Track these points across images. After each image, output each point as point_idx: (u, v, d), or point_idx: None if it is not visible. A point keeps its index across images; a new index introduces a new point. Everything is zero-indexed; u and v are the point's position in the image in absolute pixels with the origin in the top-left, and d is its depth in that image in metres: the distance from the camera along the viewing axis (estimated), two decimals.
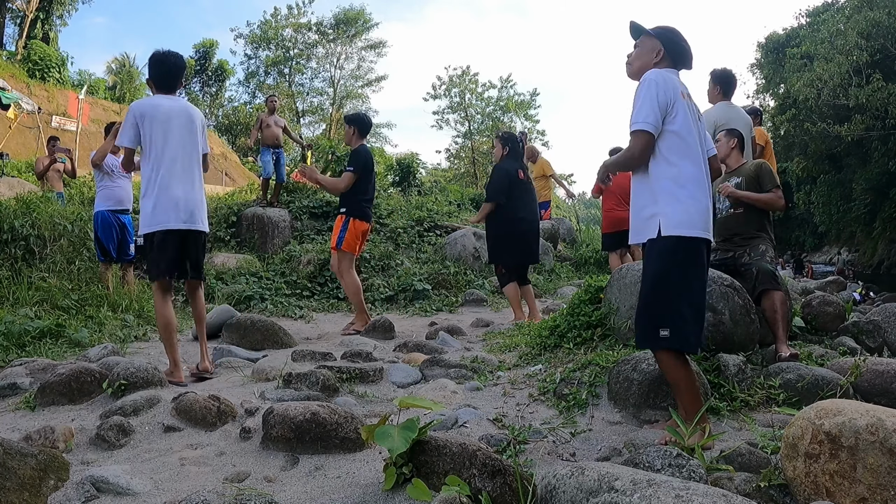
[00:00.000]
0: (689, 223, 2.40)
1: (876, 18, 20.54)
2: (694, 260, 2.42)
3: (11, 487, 1.97)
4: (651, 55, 2.60)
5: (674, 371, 2.43)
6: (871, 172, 23.80)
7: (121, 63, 33.01)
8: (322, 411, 2.47)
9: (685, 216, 2.40)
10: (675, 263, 2.40)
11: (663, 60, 2.59)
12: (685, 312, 2.38)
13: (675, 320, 2.37)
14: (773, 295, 3.58)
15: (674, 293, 2.39)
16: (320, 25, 35.09)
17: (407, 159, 18.02)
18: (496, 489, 1.86)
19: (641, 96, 2.46)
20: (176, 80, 3.68)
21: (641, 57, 2.63)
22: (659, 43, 2.60)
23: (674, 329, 2.36)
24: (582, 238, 12.09)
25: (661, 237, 2.42)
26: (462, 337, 5.20)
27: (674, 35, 2.63)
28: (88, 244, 6.53)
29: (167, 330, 3.52)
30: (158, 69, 3.62)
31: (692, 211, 2.41)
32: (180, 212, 3.50)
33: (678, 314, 2.37)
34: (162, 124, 3.49)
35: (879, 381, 2.85)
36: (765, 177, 3.91)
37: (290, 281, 7.51)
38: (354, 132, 5.45)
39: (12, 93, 15.84)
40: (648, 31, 2.64)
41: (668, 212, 2.41)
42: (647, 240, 2.49)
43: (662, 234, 2.41)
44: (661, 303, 2.41)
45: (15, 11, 26.55)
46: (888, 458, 1.64)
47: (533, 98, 34.64)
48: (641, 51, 2.64)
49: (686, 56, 2.64)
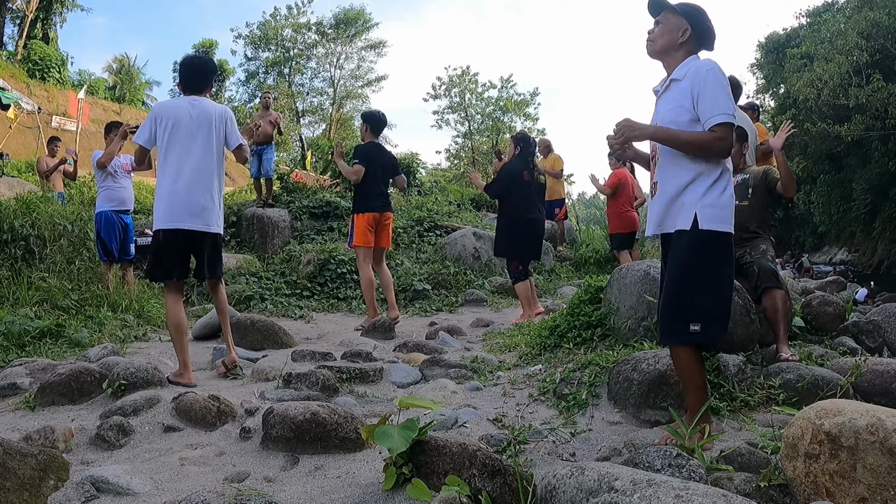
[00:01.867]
0: (724, 218, 2.35)
1: (876, 18, 20.53)
2: (725, 255, 2.37)
3: (11, 487, 1.97)
4: (677, 34, 2.47)
5: (691, 369, 2.39)
6: (871, 172, 23.78)
7: (120, 63, 33.01)
8: (322, 411, 2.47)
9: (722, 211, 2.35)
10: (708, 258, 2.34)
11: (690, 41, 2.47)
12: (717, 307, 2.34)
13: (705, 315, 2.32)
14: (774, 293, 3.57)
15: (707, 287, 2.34)
16: (320, 25, 35.09)
17: (407, 159, 18.00)
18: (496, 489, 1.86)
19: (717, 86, 2.32)
20: (201, 82, 3.70)
21: (665, 35, 2.49)
22: (685, 21, 2.46)
23: (704, 324, 2.31)
24: (582, 238, 12.08)
25: (697, 230, 2.33)
26: (462, 337, 5.20)
27: (700, 14, 2.49)
28: (88, 244, 6.52)
29: (178, 331, 3.51)
30: (184, 70, 3.72)
31: (726, 206, 2.36)
32: (192, 214, 3.51)
33: (709, 309, 2.33)
34: (180, 126, 3.51)
35: (879, 381, 2.85)
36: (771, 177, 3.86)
37: (290, 281, 7.51)
38: (367, 129, 5.77)
39: (12, 93, 15.84)
40: (674, 6, 2.49)
41: (707, 205, 2.33)
42: (677, 231, 2.40)
43: (700, 227, 2.33)
44: (694, 297, 2.34)
45: (15, 11, 26.55)
46: (888, 458, 1.64)
47: (533, 98, 34.69)
48: (665, 28, 2.49)
49: (712, 36, 2.51)
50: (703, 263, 2.34)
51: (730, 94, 2.35)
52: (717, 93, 2.32)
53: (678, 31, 2.47)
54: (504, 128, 33.54)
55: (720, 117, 2.30)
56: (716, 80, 2.33)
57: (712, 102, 2.31)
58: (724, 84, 2.35)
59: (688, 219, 2.35)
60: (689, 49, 2.49)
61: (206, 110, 3.60)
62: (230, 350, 3.80)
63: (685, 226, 2.35)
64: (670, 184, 2.42)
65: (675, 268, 2.39)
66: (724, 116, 2.30)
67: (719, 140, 2.31)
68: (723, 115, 2.30)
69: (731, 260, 2.41)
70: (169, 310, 3.57)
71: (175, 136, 3.50)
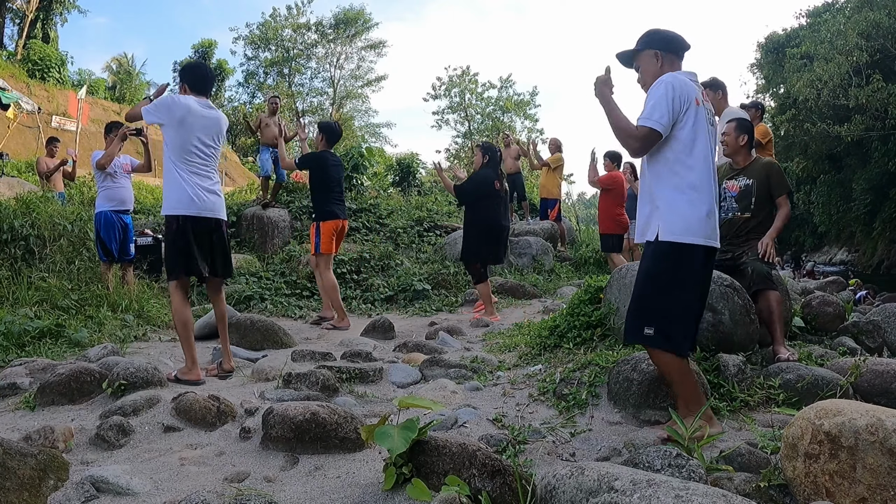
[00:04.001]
0: (685, 230, 2.44)
1: (876, 19, 20.54)
2: (687, 265, 2.46)
3: (11, 487, 1.97)
4: (655, 64, 2.63)
5: (667, 368, 2.51)
6: (871, 172, 23.80)
7: (120, 63, 33.00)
8: (322, 411, 2.47)
9: (682, 223, 2.44)
10: (666, 266, 2.47)
11: (667, 61, 2.62)
12: (672, 313, 2.45)
13: (660, 320, 2.45)
14: (768, 295, 3.57)
15: (662, 294, 2.46)
16: (320, 25, 35.09)
17: (407, 159, 18.00)
18: (496, 489, 1.86)
19: (656, 96, 2.47)
20: (209, 85, 3.89)
21: (649, 71, 2.65)
22: (652, 50, 2.64)
23: (658, 328, 2.44)
24: (582, 238, 12.08)
25: (657, 241, 2.49)
26: (462, 337, 5.20)
27: (658, 34, 2.66)
28: (88, 244, 6.52)
29: (185, 328, 3.59)
30: (194, 73, 3.84)
31: (690, 218, 2.45)
32: (198, 201, 3.61)
33: (664, 314, 2.45)
34: (191, 122, 3.61)
35: (879, 381, 2.85)
36: (775, 181, 3.81)
37: (289, 281, 7.51)
38: (323, 139, 5.92)
39: (12, 93, 15.81)
40: (637, 49, 2.68)
41: (665, 218, 2.47)
42: (646, 240, 2.56)
43: (659, 238, 2.48)
44: (649, 302, 2.49)
45: (15, 11, 26.54)
46: (888, 458, 1.64)
47: (532, 97, 34.68)
48: (645, 66, 2.67)
49: (679, 42, 2.67)
50: (661, 271, 2.49)
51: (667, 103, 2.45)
52: (653, 101, 2.48)
53: (654, 62, 2.64)
54: (504, 128, 33.52)
55: (640, 120, 2.48)
56: (661, 91, 2.49)
57: (648, 109, 2.48)
58: (668, 95, 2.46)
59: (653, 231, 2.51)
60: (671, 67, 2.63)
61: (215, 115, 3.79)
62: (227, 357, 3.85)
63: (651, 236, 2.52)
64: (644, 199, 2.61)
65: (640, 273, 2.58)
66: (647, 121, 2.45)
67: (635, 135, 2.47)
68: (645, 119, 2.46)
69: (695, 269, 2.48)
70: (176, 307, 3.61)
71: (188, 132, 3.60)
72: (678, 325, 2.46)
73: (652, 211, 2.54)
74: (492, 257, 6.25)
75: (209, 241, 3.70)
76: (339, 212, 5.82)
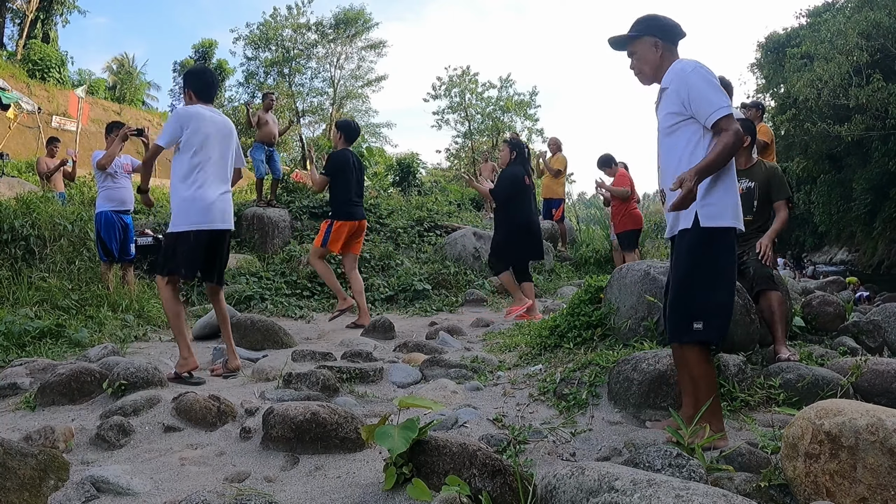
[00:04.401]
0: (724, 214, 2.37)
1: (876, 18, 20.51)
2: (726, 251, 2.39)
3: (11, 487, 1.97)
4: (655, 52, 2.52)
5: (700, 366, 2.40)
6: (871, 172, 23.78)
7: (120, 63, 33.00)
8: (322, 411, 2.47)
9: (722, 208, 2.37)
10: (709, 254, 2.37)
11: (666, 50, 2.53)
12: (717, 303, 2.36)
13: (708, 312, 2.35)
14: (770, 295, 3.57)
15: (708, 284, 2.36)
16: (320, 25, 35.06)
17: (407, 159, 18.02)
18: (496, 489, 1.86)
19: (704, 84, 2.34)
20: (215, 91, 3.90)
21: (646, 61, 2.55)
22: (651, 37, 2.52)
23: (707, 321, 2.34)
24: (582, 238, 12.07)
25: (698, 228, 2.36)
26: (462, 337, 5.20)
27: (657, 20, 2.55)
28: (88, 244, 6.52)
29: (178, 318, 3.61)
30: (200, 79, 3.83)
31: (728, 202, 2.39)
32: (213, 213, 3.63)
33: (711, 305, 2.35)
34: (204, 130, 3.63)
35: (879, 381, 2.85)
36: (776, 185, 3.81)
37: (290, 281, 7.51)
38: (341, 137, 5.87)
39: (12, 93, 15.82)
40: (633, 34, 2.56)
41: (707, 203, 2.36)
42: (680, 230, 2.44)
43: (701, 225, 2.36)
44: (697, 294, 2.37)
45: (15, 11, 26.54)
46: (888, 458, 1.64)
47: (532, 97, 34.66)
48: (641, 55, 2.56)
49: (678, 31, 2.57)
50: (704, 261, 2.38)
51: (718, 86, 2.36)
52: (706, 90, 2.35)
53: (652, 50, 2.53)
54: (504, 128, 33.52)
55: (719, 112, 2.32)
56: (702, 79, 2.37)
57: (707, 101, 2.34)
58: (711, 79, 2.37)
59: (689, 219, 2.39)
60: (670, 56, 2.53)
61: (225, 122, 3.81)
62: (233, 356, 3.87)
63: (687, 225, 2.40)
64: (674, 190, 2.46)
65: (679, 267, 2.44)
66: (723, 110, 2.32)
67: (731, 136, 2.31)
68: (721, 109, 2.32)
69: (731, 256, 2.42)
70: (166, 301, 3.64)
71: (201, 140, 3.61)
72: (724, 314, 2.38)
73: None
74: (535, 253, 6.10)
75: (214, 250, 3.73)
76: (357, 212, 5.78)
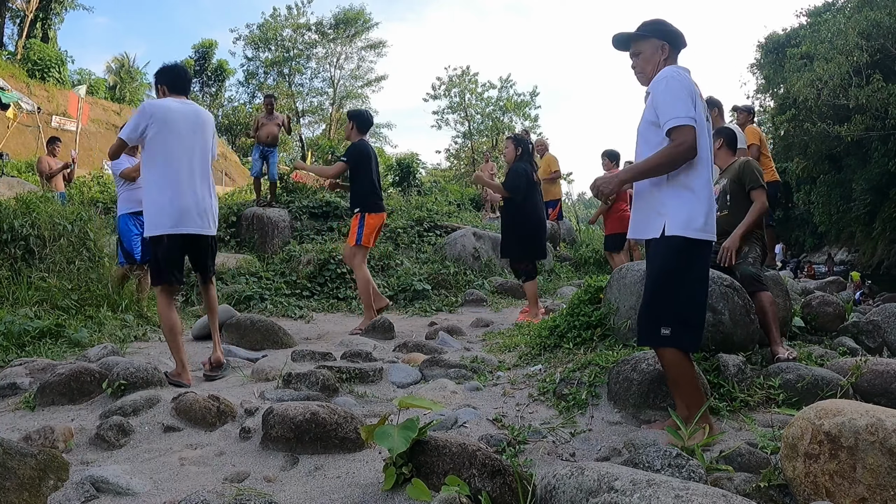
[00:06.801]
0: (693, 225, 2.40)
1: (876, 18, 20.53)
2: (696, 260, 2.43)
3: (11, 487, 1.97)
4: (659, 55, 2.56)
5: (675, 368, 2.45)
6: (871, 172, 23.78)
7: (120, 63, 33.00)
8: (322, 411, 2.47)
9: (689, 217, 2.40)
10: (677, 263, 2.41)
11: (670, 55, 2.56)
12: (685, 311, 2.41)
13: (675, 319, 2.39)
14: (759, 297, 3.56)
15: (675, 292, 2.41)
16: (320, 25, 35.08)
17: (407, 159, 18.03)
18: (496, 489, 1.86)
19: (671, 93, 2.38)
20: (188, 83, 3.80)
21: (650, 61, 2.58)
22: (658, 40, 2.56)
23: (674, 328, 2.39)
24: (582, 238, 12.08)
25: (664, 237, 2.41)
26: (462, 337, 5.20)
27: (665, 25, 2.60)
28: (89, 244, 6.51)
29: (172, 332, 3.53)
30: (170, 73, 3.73)
31: (696, 212, 2.40)
32: (187, 216, 3.49)
33: (679, 313, 2.40)
34: (172, 126, 3.49)
35: (879, 382, 2.85)
36: (746, 175, 3.84)
37: (289, 281, 7.51)
38: (353, 127, 5.67)
39: (12, 93, 15.81)
40: (641, 33, 2.59)
41: (673, 213, 2.41)
42: (650, 239, 2.49)
43: (667, 233, 2.41)
44: (663, 301, 2.43)
45: (15, 11, 26.54)
46: (888, 459, 1.64)
47: (532, 98, 34.67)
48: (646, 56, 2.59)
49: (683, 40, 2.61)
50: (672, 269, 2.42)
51: (684, 97, 2.37)
52: (667, 100, 2.39)
53: (658, 52, 2.57)
54: (504, 128, 33.53)
55: (671, 122, 2.36)
56: (666, 88, 2.40)
57: (664, 110, 2.39)
58: (676, 88, 2.39)
59: (658, 227, 2.44)
60: (670, 62, 2.57)
61: (197, 113, 3.67)
62: (216, 349, 3.80)
63: (656, 233, 2.45)
64: (645, 194, 2.53)
65: (650, 273, 2.51)
66: (676, 121, 2.35)
67: (677, 146, 2.35)
68: (674, 119, 2.36)
69: (702, 264, 2.46)
70: (162, 313, 3.57)
71: (169, 137, 3.47)
72: (693, 322, 2.42)
73: (653, 206, 2.47)
74: (539, 251, 6.00)
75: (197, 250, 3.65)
76: (383, 205, 5.66)
